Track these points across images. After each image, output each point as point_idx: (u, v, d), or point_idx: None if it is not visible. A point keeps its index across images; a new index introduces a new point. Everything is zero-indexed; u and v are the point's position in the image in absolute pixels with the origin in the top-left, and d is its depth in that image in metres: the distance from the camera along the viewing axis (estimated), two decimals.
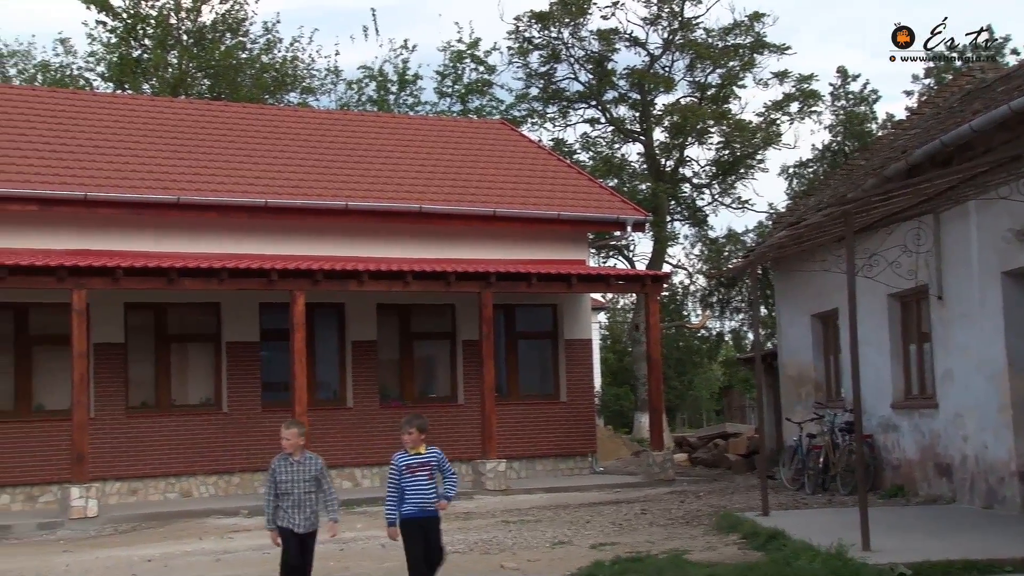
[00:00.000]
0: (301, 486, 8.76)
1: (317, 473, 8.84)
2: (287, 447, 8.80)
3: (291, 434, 8.81)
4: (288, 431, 8.83)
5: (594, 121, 36.60)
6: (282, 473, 8.77)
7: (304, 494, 8.76)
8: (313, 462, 8.87)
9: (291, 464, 8.79)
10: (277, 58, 36.60)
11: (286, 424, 8.96)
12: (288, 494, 8.73)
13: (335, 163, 21.82)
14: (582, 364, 22.56)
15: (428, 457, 8.68)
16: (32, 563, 12.84)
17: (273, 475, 8.79)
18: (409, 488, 8.57)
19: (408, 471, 8.60)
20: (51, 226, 18.10)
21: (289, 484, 8.75)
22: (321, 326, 20.35)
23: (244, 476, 19.36)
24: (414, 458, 8.64)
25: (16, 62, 37.60)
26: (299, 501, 8.75)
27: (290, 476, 8.75)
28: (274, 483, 8.78)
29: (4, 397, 18.25)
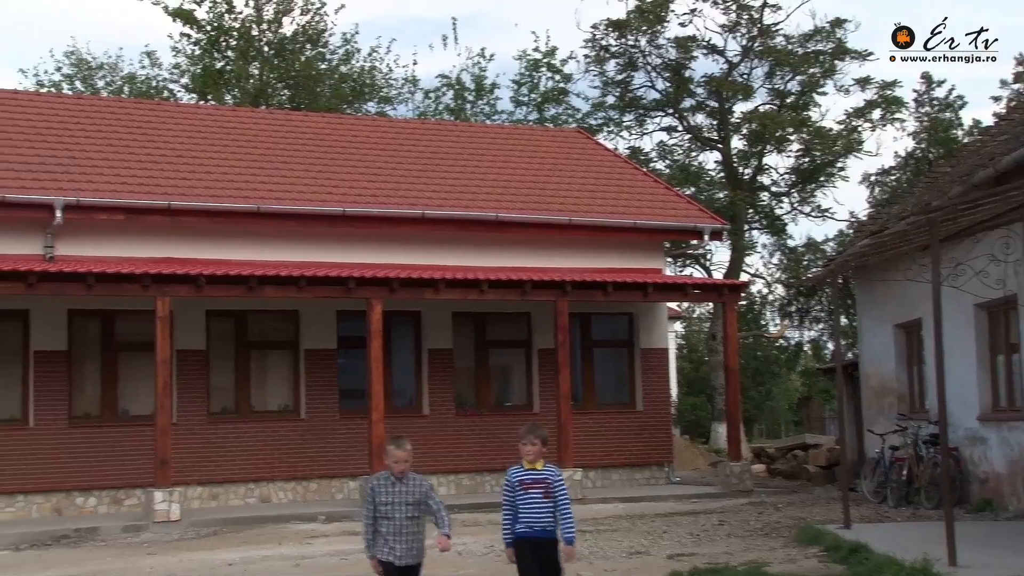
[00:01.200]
0: (403, 510, 7.72)
1: (422, 496, 7.79)
2: (399, 469, 7.73)
3: (406, 454, 7.75)
4: (400, 451, 7.75)
5: (671, 129, 36.37)
6: (383, 494, 7.74)
7: (406, 519, 7.71)
8: (419, 484, 7.81)
9: (392, 484, 7.75)
10: (356, 68, 37.00)
11: (396, 443, 7.82)
12: (388, 519, 7.70)
13: (412, 172, 21.96)
14: (658, 373, 22.42)
15: (545, 474, 7.85)
16: (117, 565, 13.09)
17: (372, 496, 7.77)
18: (522, 506, 7.78)
19: (521, 488, 7.80)
20: (136, 235, 18.47)
21: (389, 507, 7.71)
22: (398, 334, 20.48)
23: (322, 482, 19.54)
24: (529, 474, 7.84)
25: (104, 74, 38.49)
26: (400, 528, 7.71)
27: (391, 498, 7.72)
28: (373, 505, 7.76)
29: (91, 402, 18.65)
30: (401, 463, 7.70)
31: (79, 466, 17.93)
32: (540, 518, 7.72)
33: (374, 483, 7.80)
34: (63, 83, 37.80)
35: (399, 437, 7.91)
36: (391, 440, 7.87)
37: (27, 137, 19.48)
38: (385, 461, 7.83)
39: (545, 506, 7.74)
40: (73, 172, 18.67)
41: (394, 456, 7.74)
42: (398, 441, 7.83)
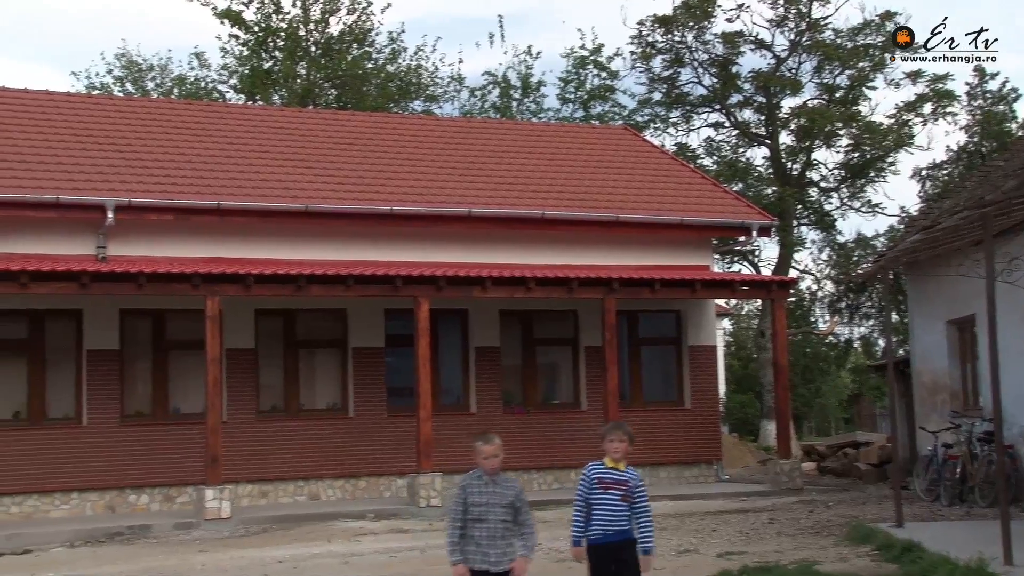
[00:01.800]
0: (497, 512, 7.14)
1: (515, 499, 7.22)
2: (491, 466, 7.18)
3: (495, 448, 7.19)
4: (489, 446, 7.19)
5: (718, 125, 36.09)
6: (477, 495, 7.16)
7: (500, 523, 7.14)
8: (511, 486, 7.26)
9: (486, 484, 7.20)
10: (402, 67, 37.12)
11: (484, 438, 7.24)
12: (481, 521, 7.11)
13: (458, 170, 22.00)
14: (706, 370, 22.30)
15: (627, 476, 7.43)
16: (170, 562, 13.24)
17: (464, 496, 7.19)
18: (597, 506, 7.33)
19: (600, 485, 7.33)
20: (186, 234, 18.66)
21: (484, 509, 7.13)
22: (445, 332, 20.52)
23: (370, 480, 19.63)
24: (611, 473, 7.39)
25: (154, 76, 38.93)
26: (494, 532, 7.12)
27: (486, 499, 7.14)
28: (464, 506, 7.17)
29: (143, 401, 18.86)
30: (492, 459, 7.16)
31: (131, 464, 18.15)
32: (616, 521, 7.30)
33: (467, 482, 7.24)
34: (114, 85, 38.28)
35: (486, 432, 7.34)
36: (478, 437, 7.31)
37: (79, 139, 19.74)
38: (476, 460, 7.27)
39: (622, 509, 7.33)
40: (124, 173, 18.89)
41: (483, 452, 7.18)
42: (486, 436, 7.25)
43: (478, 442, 7.24)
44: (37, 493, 17.58)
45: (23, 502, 17.51)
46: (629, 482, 7.40)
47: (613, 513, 7.31)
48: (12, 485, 17.36)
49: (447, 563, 7.29)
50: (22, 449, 17.58)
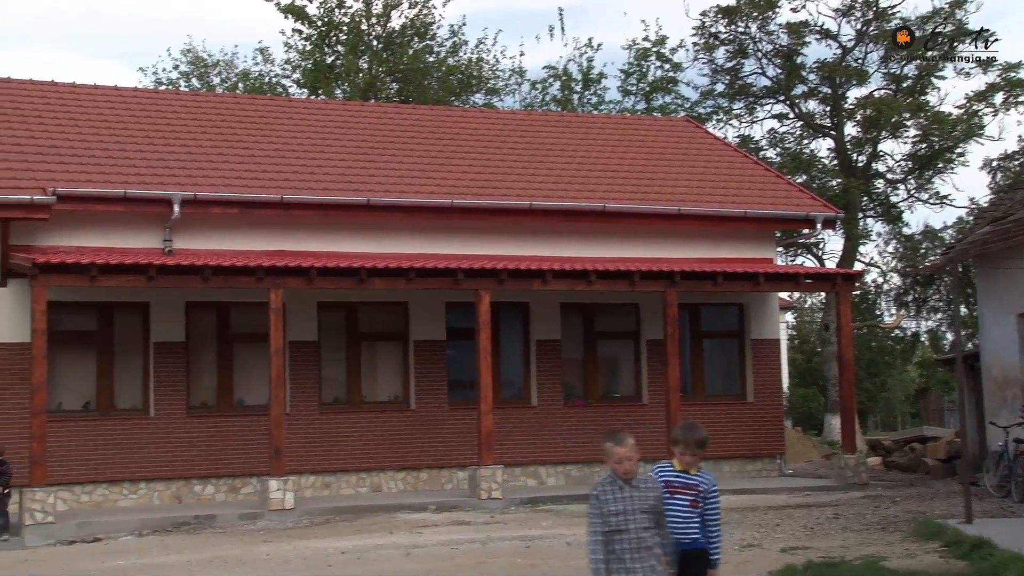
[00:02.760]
0: (637, 520, 6.28)
1: (657, 503, 6.38)
2: (625, 470, 6.31)
3: (628, 450, 6.31)
4: (621, 447, 6.31)
5: (782, 116, 35.71)
6: (612, 502, 6.29)
7: (643, 531, 6.27)
8: (651, 488, 6.42)
9: (621, 489, 6.32)
10: (463, 60, 37.19)
11: (615, 439, 6.35)
12: (622, 532, 6.25)
13: (519, 163, 21.98)
14: (769, 364, 22.09)
15: (698, 480, 6.70)
16: (235, 552, 13.40)
17: (598, 504, 6.32)
18: (668, 509, 6.56)
19: (667, 490, 6.60)
20: (250, 228, 18.85)
21: (622, 518, 6.28)
22: (506, 325, 20.52)
23: (431, 472, 19.70)
24: (680, 476, 6.70)
25: (219, 71, 39.40)
26: (638, 542, 6.26)
27: (623, 506, 6.29)
28: (601, 517, 6.29)
29: (208, 392, 19.11)
30: (626, 462, 6.28)
31: (197, 455, 18.40)
32: (684, 529, 6.58)
33: (599, 489, 6.36)
34: (180, 80, 38.80)
35: (617, 432, 6.42)
36: (608, 436, 6.41)
37: (147, 134, 20.02)
38: (607, 464, 6.41)
39: (690, 516, 6.62)
40: (190, 167, 19.13)
41: (615, 455, 6.31)
42: (617, 436, 6.35)
43: (608, 443, 6.35)
44: (106, 482, 17.89)
45: (93, 491, 17.83)
46: (699, 486, 6.68)
47: (681, 520, 6.58)
48: (83, 474, 17.68)
49: (508, 556, 7.22)
50: (92, 439, 17.89)
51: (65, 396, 18.06)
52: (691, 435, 6.78)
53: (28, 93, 20.50)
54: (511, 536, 13.95)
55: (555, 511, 16.85)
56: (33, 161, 18.04)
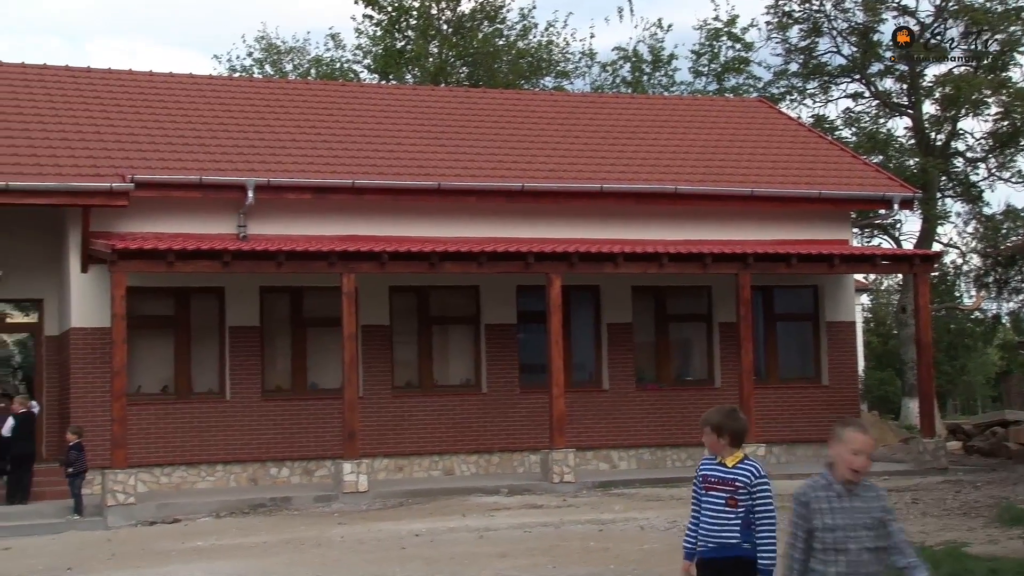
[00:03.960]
0: (862, 538, 4.96)
1: (882, 515, 5.03)
2: (860, 467, 4.97)
3: (866, 443, 4.99)
4: (862, 436, 5.00)
5: (858, 96, 35.04)
6: (828, 513, 5.00)
7: (867, 553, 4.95)
8: (877, 495, 5.08)
9: (839, 498, 5.01)
10: (533, 43, 37.09)
11: (854, 425, 5.07)
12: (839, 551, 4.95)
13: (590, 146, 21.87)
14: (845, 347, 21.78)
15: (735, 474, 5.71)
16: (310, 533, 13.57)
17: (807, 516, 5.04)
18: (704, 510, 5.80)
19: (704, 485, 5.81)
20: (322, 213, 19.00)
21: (840, 535, 4.96)
22: (577, 308, 20.47)
23: (503, 456, 19.75)
24: (716, 469, 5.79)
25: (292, 58, 39.78)
26: (861, 567, 4.95)
27: (842, 519, 4.98)
28: (807, 531, 5.04)
29: (283, 376, 19.34)
30: (861, 457, 4.95)
31: (272, 438, 18.64)
32: (718, 530, 5.67)
33: (810, 496, 5.06)
34: (254, 67, 39.24)
35: (852, 420, 5.16)
36: (844, 423, 5.12)
37: (221, 121, 20.27)
38: (832, 451, 5.06)
39: (727, 516, 5.66)
40: (264, 153, 19.33)
41: (853, 443, 4.97)
42: (854, 422, 5.10)
43: (847, 429, 5.02)
44: (185, 465, 18.21)
45: (172, 473, 18.16)
46: (736, 481, 5.66)
47: (715, 520, 5.69)
48: (162, 457, 18.01)
49: (581, 539, 7.13)
50: (170, 422, 18.22)
51: (144, 380, 18.40)
52: (710, 416, 5.84)
53: (107, 82, 20.87)
54: (584, 520, 13.93)
55: (627, 495, 16.79)
56: (112, 149, 18.37)
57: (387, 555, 11.75)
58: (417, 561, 11.28)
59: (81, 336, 17.77)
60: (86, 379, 17.67)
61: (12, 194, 16.63)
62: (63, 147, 18.06)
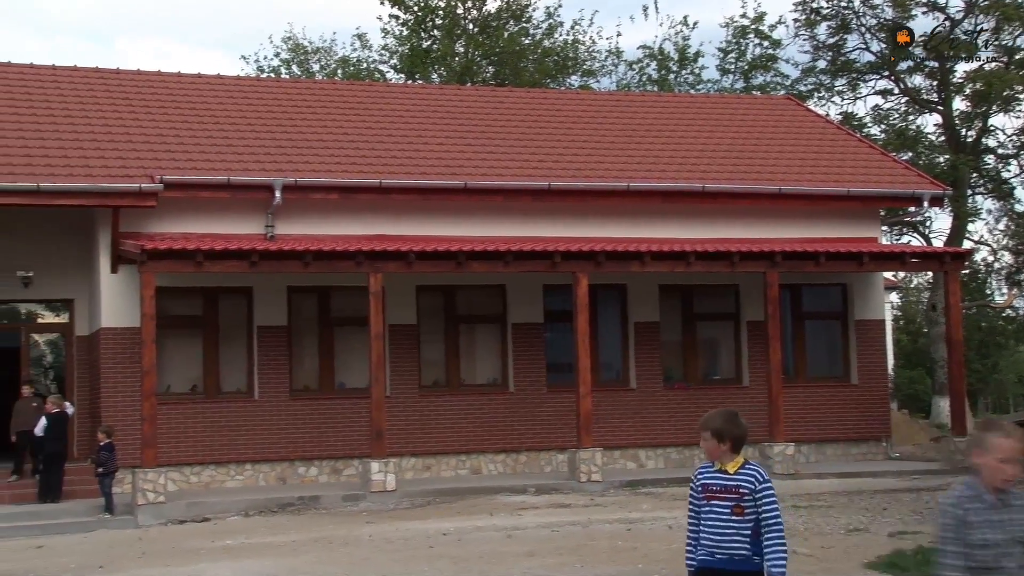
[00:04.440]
0: (1017, 555, 4.49)
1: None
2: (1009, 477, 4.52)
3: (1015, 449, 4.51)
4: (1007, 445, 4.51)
5: (886, 92, 34.85)
6: (982, 527, 4.49)
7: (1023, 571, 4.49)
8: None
9: (994, 509, 4.52)
10: (558, 42, 37.07)
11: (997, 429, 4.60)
12: (993, 570, 4.46)
13: (616, 144, 21.83)
14: (874, 345, 21.64)
15: (738, 480, 5.39)
16: (339, 532, 13.60)
17: (959, 526, 4.52)
18: (705, 520, 5.48)
19: (705, 494, 5.49)
20: (349, 213, 19.04)
21: (996, 552, 4.47)
22: (604, 307, 20.44)
23: (530, 455, 19.73)
24: (717, 477, 5.47)
25: (319, 58, 39.92)
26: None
27: (998, 534, 4.50)
28: (960, 545, 4.51)
29: (310, 375, 19.40)
30: (1012, 465, 4.46)
31: (300, 437, 18.69)
32: (724, 541, 5.35)
33: (964, 506, 4.52)
34: (281, 68, 39.40)
35: (994, 424, 4.70)
36: (986, 427, 4.67)
37: (249, 121, 20.36)
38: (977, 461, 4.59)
39: (733, 525, 5.35)
40: (291, 153, 19.40)
41: (1002, 451, 4.49)
42: (999, 428, 4.60)
43: (989, 435, 4.54)
44: (214, 464, 18.30)
45: (201, 472, 18.25)
46: (740, 488, 5.37)
47: (720, 531, 5.37)
48: (192, 456, 18.11)
49: (609, 538, 7.10)
50: (199, 421, 18.31)
51: (173, 379, 18.51)
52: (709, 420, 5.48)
53: (136, 83, 21.00)
54: (611, 519, 13.91)
55: (655, 494, 16.75)
56: (141, 149, 18.48)
57: (415, 554, 11.77)
58: (445, 560, 11.29)
59: (111, 336, 17.89)
60: (116, 379, 17.79)
61: (43, 195, 16.76)
62: (93, 148, 18.18)
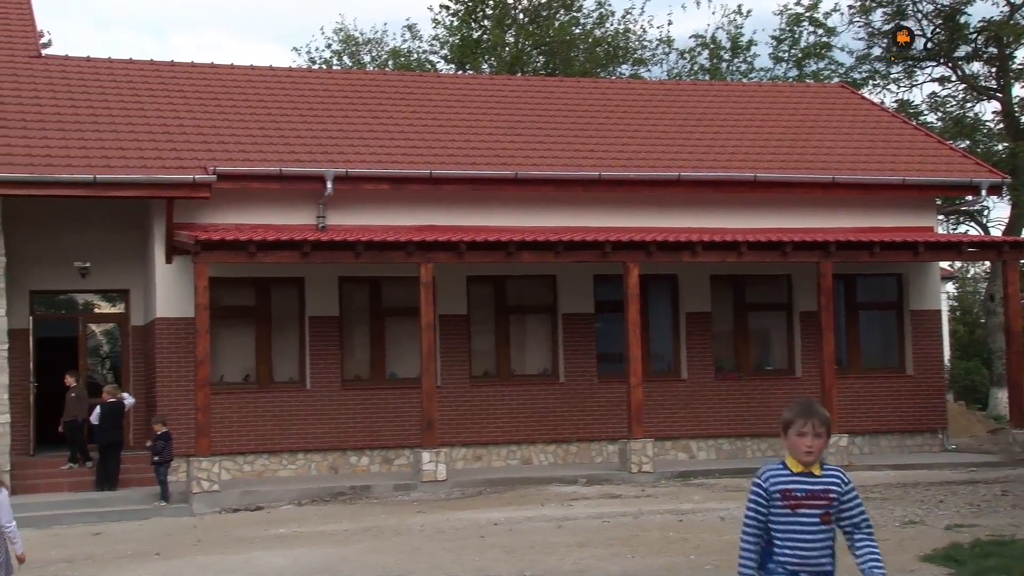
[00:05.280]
0: None
1: None
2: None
3: None
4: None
5: (944, 80, 34.30)
6: None
7: None
8: None
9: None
10: (609, 31, 36.89)
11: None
12: None
13: (667, 134, 21.69)
14: (930, 336, 21.35)
15: (827, 483, 4.66)
16: (390, 521, 13.67)
17: None
18: (785, 533, 4.64)
19: (785, 502, 4.64)
20: (400, 203, 19.09)
21: None
22: (654, 297, 20.34)
23: (581, 445, 19.70)
24: (801, 481, 4.65)
25: (370, 49, 40.06)
26: None
27: None
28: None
29: (362, 365, 19.50)
30: None
31: (352, 426, 18.81)
32: (812, 557, 4.61)
33: None
34: (332, 59, 39.59)
35: None
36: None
37: (300, 112, 20.47)
38: None
39: (822, 537, 4.61)
40: (342, 144, 19.48)
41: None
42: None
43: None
44: (267, 453, 18.46)
45: (254, 461, 18.43)
46: (829, 492, 4.64)
47: (811, 545, 4.61)
48: (245, 445, 18.28)
49: (660, 529, 7.08)
50: (252, 411, 18.47)
51: (226, 369, 18.68)
52: (813, 410, 4.72)
53: (190, 75, 21.20)
54: (662, 510, 13.84)
55: (707, 485, 16.65)
56: (195, 141, 18.65)
57: (466, 544, 11.79)
58: (496, 550, 11.30)
59: (165, 326, 18.10)
60: (170, 368, 18.00)
61: (100, 187, 16.97)
62: (148, 140, 18.39)
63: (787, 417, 4.75)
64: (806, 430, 4.65)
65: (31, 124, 18.12)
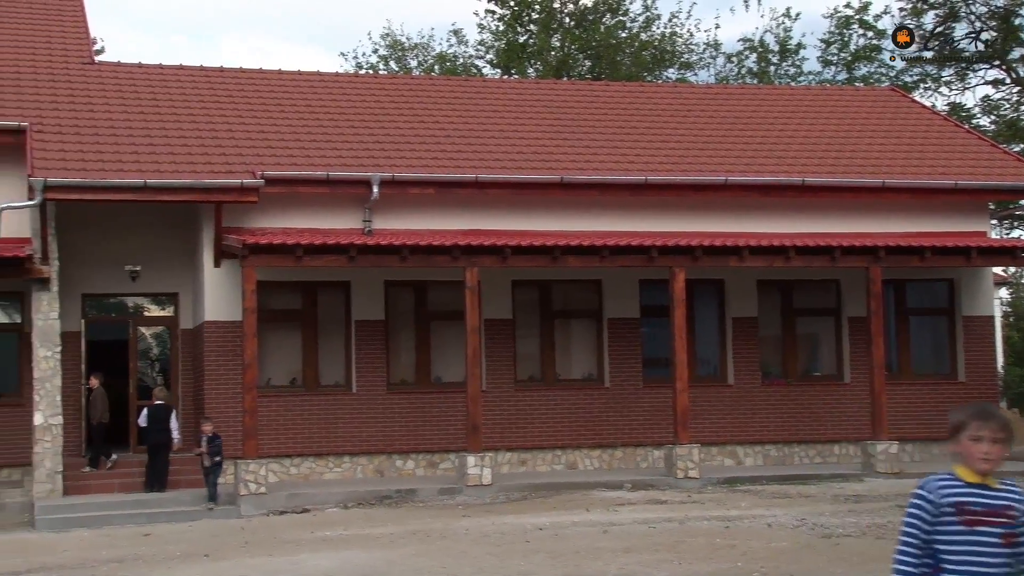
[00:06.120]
0: None
1: None
2: None
3: None
4: None
5: (997, 82, 33.84)
6: None
7: None
8: None
9: None
10: (656, 35, 36.77)
11: None
12: None
13: (714, 138, 21.57)
14: (983, 342, 21.06)
15: (1008, 497, 4.10)
16: (436, 525, 13.70)
17: None
18: (958, 555, 4.03)
19: (959, 517, 4.04)
20: (445, 207, 19.13)
21: None
22: (701, 302, 20.22)
23: (626, 450, 19.63)
24: (979, 493, 4.07)
25: (416, 54, 40.23)
26: None
27: None
28: None
29: (407, 369, 19.56)
30: None
31: (398, 430, 18.86)
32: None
33: None
34: (379, 64, 39.80)
35: None
36: None
37: (347, 117, 20.59)
38: None
39: (1003, 563, 4.02)
40: (388, 149, 19.56)
41: None
42: None
43: None
44: (313, 456, 18.57)
45: (301, 464, 18.54)
46: (1010, 510, 4.07)
47: (986, 571, 4.00)
48: (291, 448, 18.40)
49: (706, 535, 7.03)
50: (299, 414, 18.59)
51: (274, 372, 18.82)
52: (991, 414, 4.12)
53: (238, 81, 21.39)
54: (709, 516, 13.75)
55: (753, 491, 16.53)
56: (243, 146, 18.82)
57: (511, 548, 11.78)
58: (541, 554, 11.28)
59: (214, 329, 18.26)
60: (219, 371, 18.15)
61: (150, 191, 17.16)
62: (197, 145, 18.57)
63: (959, 419, 4.13)
64: (982, 434, 4.06)
65: (84, 130, 18.37)
